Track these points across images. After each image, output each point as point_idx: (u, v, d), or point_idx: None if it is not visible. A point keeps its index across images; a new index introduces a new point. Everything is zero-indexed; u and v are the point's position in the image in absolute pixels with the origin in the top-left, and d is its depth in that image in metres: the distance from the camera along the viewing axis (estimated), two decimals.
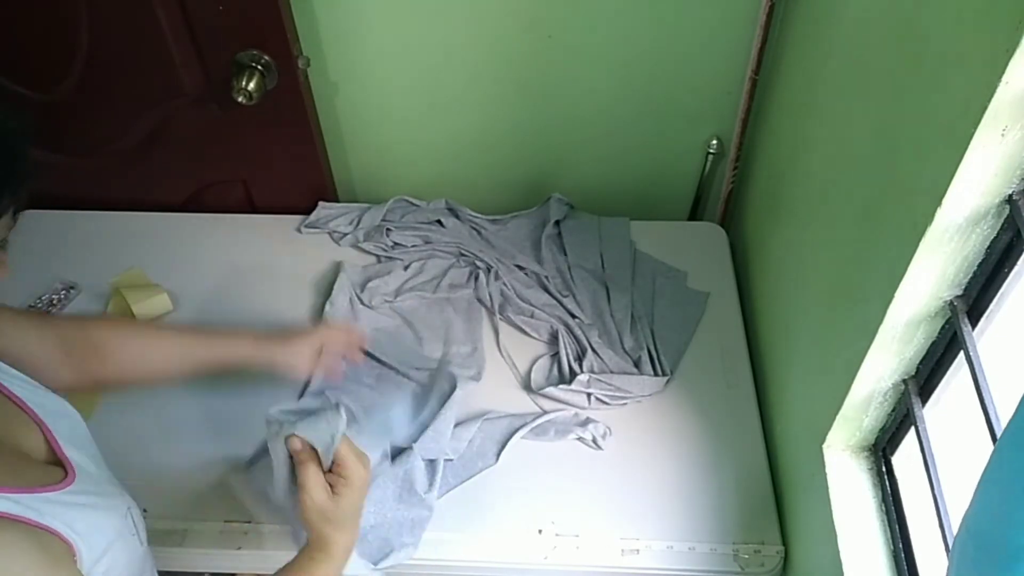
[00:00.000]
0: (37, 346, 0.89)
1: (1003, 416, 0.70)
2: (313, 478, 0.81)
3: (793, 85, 1.23)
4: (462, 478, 1.12)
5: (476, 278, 1.38)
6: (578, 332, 1.29)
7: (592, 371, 1.23)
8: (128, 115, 1.39)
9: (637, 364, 1.25)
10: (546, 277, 1.38)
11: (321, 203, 1.50)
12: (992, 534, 0.50)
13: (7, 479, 0.65)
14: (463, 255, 1.41)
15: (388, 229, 1.45)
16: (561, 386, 1.20)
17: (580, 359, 1.25)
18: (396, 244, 1.44)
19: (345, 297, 1.33)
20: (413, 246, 1.44)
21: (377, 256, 1.43)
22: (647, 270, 1.41)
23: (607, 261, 1.41)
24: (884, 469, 0.93)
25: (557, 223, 1.48)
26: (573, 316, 1.32)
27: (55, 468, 0.73)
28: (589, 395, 1.20)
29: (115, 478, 0.81)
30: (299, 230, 1.48)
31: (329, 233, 1.47)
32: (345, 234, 1.46)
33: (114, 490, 0.78)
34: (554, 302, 1.34)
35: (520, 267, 1.40)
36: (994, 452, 0.53)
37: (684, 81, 1.41)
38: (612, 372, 1.24)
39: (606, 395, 1.20)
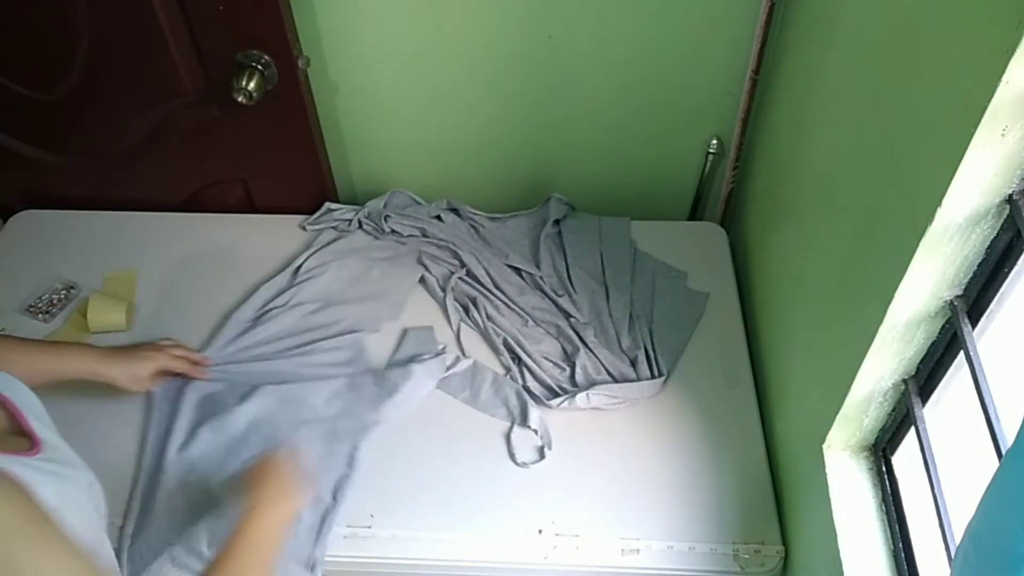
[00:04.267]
0: None
1: (1003, 416, 0.70)
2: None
3: (793, 85, 1.23)
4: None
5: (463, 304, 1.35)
6: (570, 333, 1.29)
7: (586, 370, 1.23)
8: (128, 115, 1.39)
9: (633, 363, 1.25)
10: (541, 277, 1.38)
11: (328, 204, 1.51)
12: (995, 542, 0.51)
13: None
14: (446, 259, 1.41)
15: (387, 216, 1.46)
16: (556, 399, 1.19)
17: (575, 356, 1.26)
18: (393, 231, 1.45)
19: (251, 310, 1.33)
20: (409, 235, 1.44)
21: (374, 236, 1.45)
22: (647, 270, 1.41)
23: (607, 261, 1.41)
24: (884, 469, 0.93)
25: (557, 222, 1.48)
26: (568, 316, 1.32)
27: (20, 438, 0.73)
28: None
29: (77, 455, 0.81)
30: (303, 227, 1.48)
31: (332, 227, 1.47)
32: (348, 220, 1.47)
33: (78, 463, 0.78)
34: (547, 304, 1.34)
35: (514, 268, 1.40)
36: (1000, 464, 0.53)
37: (684, 81, 1.41)
38: (609, 373, 1.24)
39: (604, 404, 1.20)
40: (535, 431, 1.17)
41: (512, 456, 1.15)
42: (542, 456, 1.15)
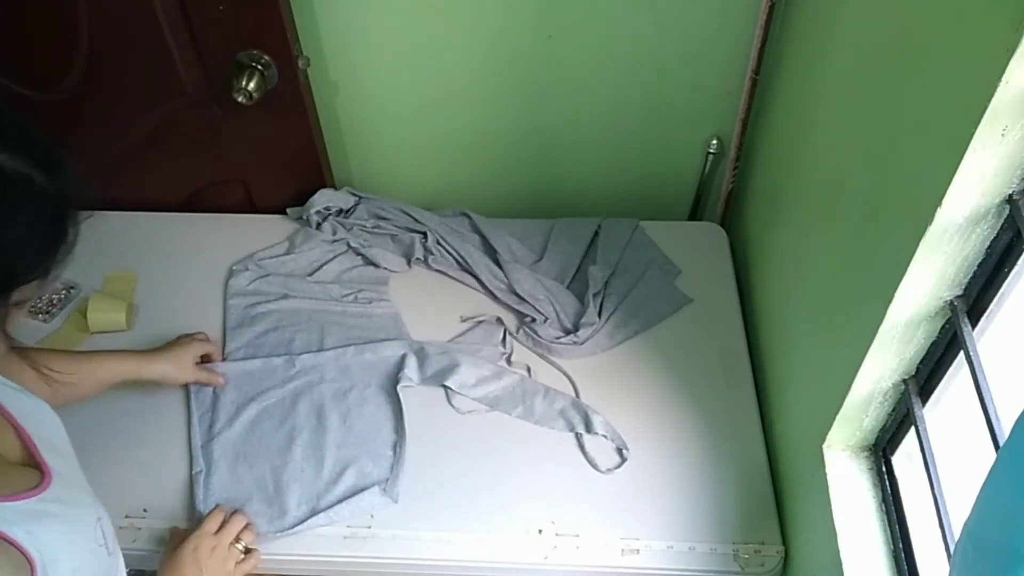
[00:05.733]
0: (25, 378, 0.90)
1: (1003, 416, 0.71)
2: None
3: (793, 85, 1.23)
4: None
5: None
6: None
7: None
8: (128, 115, 1.39)
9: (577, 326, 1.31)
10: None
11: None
12: (993, 539, 0.51)
13: None
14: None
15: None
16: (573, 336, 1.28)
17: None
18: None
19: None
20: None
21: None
22: (643, 258, 1.42)
23: (603, 240, 1.45)
24: (884, 469, 0.93)
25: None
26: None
27: (31, 471, 0.72)
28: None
29: (88, 485, 0.79)
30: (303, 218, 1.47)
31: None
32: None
33: (87, 498, 0.77)
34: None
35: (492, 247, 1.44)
36: (996, 461, 0.53)
37: (684, 81, 1.41)
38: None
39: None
40: (604, 436, 1.16)
41: (595, 467, 1.14)
42: (623, 459, 1.14)
